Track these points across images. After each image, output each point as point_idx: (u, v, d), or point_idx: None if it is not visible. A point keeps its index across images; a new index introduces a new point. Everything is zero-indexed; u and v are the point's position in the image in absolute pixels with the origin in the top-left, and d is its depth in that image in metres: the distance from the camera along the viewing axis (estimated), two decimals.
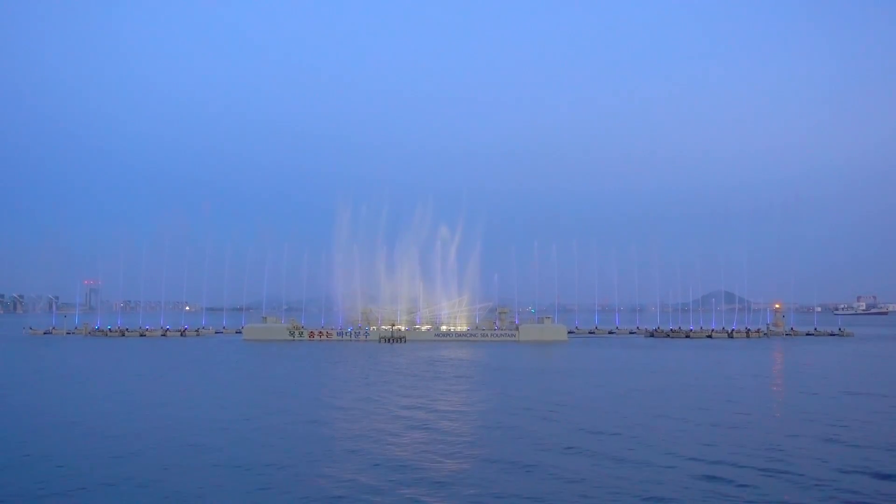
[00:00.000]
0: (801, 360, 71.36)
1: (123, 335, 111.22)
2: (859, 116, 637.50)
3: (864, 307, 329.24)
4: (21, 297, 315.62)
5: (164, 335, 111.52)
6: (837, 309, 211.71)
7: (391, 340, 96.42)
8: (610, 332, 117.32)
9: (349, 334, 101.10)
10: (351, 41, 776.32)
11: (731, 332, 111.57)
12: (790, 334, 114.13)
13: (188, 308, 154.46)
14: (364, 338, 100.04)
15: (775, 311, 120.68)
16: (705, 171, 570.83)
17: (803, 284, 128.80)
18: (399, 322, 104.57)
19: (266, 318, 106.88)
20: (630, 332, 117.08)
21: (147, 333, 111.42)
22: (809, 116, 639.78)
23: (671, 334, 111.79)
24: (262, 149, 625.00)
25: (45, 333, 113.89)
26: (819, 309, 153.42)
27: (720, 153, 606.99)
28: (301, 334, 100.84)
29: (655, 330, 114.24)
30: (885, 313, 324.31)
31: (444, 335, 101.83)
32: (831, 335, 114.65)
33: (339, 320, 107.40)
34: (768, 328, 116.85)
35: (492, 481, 21.30)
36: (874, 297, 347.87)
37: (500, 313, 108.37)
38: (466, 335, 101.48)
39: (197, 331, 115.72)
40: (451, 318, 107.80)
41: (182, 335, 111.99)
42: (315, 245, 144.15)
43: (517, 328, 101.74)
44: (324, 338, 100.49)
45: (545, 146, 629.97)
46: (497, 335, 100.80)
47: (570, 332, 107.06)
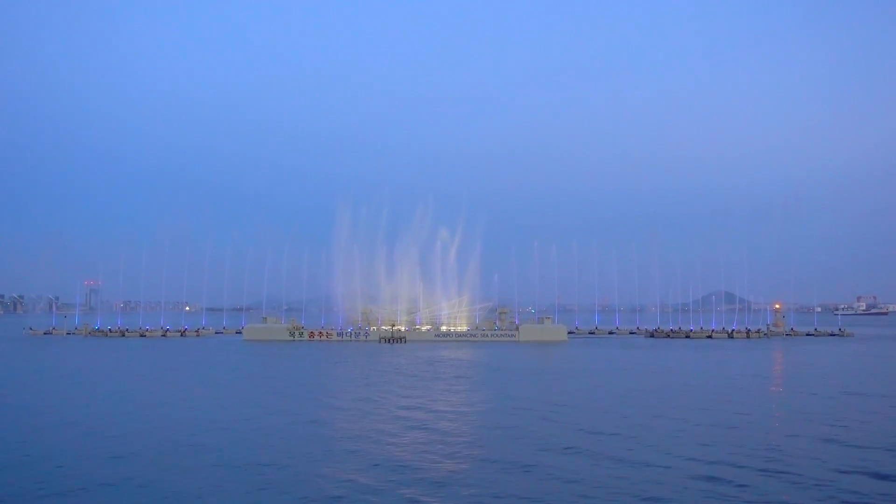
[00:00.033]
0: (801, 360, 71.36)
1: (123, 335, 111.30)
2: (859, 116, 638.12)
3: (864, 307, 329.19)
4: (21, 297, 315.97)
5: (165, 335, 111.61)
6: (837, 309, 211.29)
7: (391, 341, 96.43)
8: (610, 333, 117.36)
9: (349, 335, 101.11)
10: (351, 41, 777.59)
11: (732, 333, 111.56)
12: (790, 334, 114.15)
13: (188, 308, 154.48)
14: (364, 338, 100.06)
15: (775, 312, 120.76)
16: (705, 171, 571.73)
17: (803, 284, 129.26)
18: (399, 322, 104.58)
19: (266, 318, 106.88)
20: (630, 333, 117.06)
21: (147, 334, 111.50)
22: (809, 117, 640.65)
23: (671, 335, 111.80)
24: (262, 149, 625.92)
25: (45, 334, 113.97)
26: (819, 309, 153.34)
27: (720, 153, 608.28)
28: (301, 335, 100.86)
29: (655, 330, 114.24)
30: (886, 313, 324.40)
31: (444, 335, 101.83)
32: (831, 335, 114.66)
33: (339, 321, 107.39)
34: (768, 328, 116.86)
35: (491, 481, 21.33)
36: (874, 298, 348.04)
37: (501, 313, 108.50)
38: (466, 335, 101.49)
39: (197, 331, 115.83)
40: (452, 318, 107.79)
41: (182, 335, 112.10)
42: (315, 245, 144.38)
43: (517, 328, 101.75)
44: (324, 338, 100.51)
45: (545, 146, 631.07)
46: (497, 335, 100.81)
47: (570, 333, 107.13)
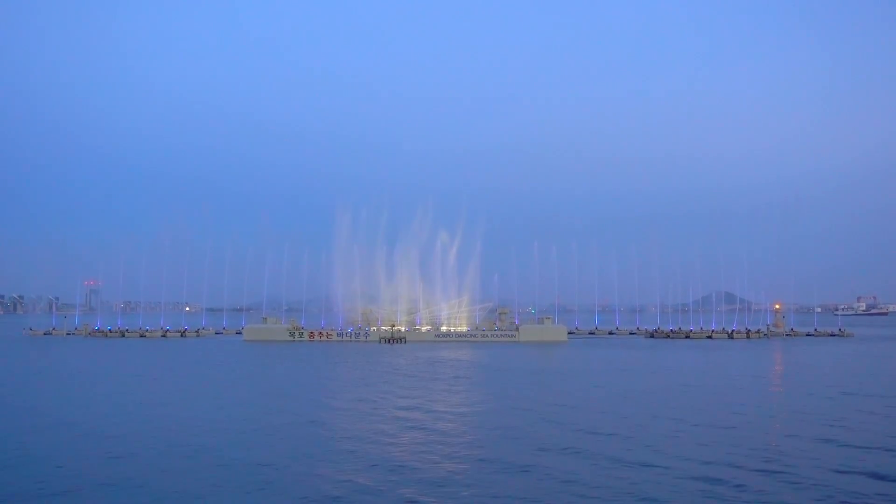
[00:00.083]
0: (800, 360, 71.36)
1: (123, 336, 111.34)
2: (859, 116, 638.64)
3: (864, 308, 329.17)
4: (21, 297, 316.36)
5: (165, 336, 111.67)
6: (837, 309, 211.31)
7: (391, 341, 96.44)
8: (610, 333, 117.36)
9: (349, 335, 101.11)
10: (351, 41, 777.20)
11: (731, 333, 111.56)
12: (790, 335, 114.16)
13: (188, 309, 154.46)
14: (364, 338, 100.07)
15: (775, 312, 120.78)
16: (705, 171, 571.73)
17: (803, 284, 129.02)
18: (399, 323, 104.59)
19: (266, 318, 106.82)
20: (630, 333, 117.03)
21: (147, 334, 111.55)
22: (809, 117, 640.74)
23: (671, 335, 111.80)
24: (262, 149, 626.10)
25: (45, 334, 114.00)
26: (819, 309, 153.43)
27: (720, 153, 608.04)
28: (301, 335, 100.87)
29: (655, 330, 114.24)
30: (886, 314, 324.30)
31: (444, 336, 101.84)
32: (831, 335, 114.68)
33: (339, 321, 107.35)
34: (768, 329, 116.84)
35: (489, 482, 21.33)
36: (874, 298, 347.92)
37: (501, 314, 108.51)
38: (466, 336, 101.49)
39: (197, 331, 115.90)
40: (452, 318, 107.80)
41: (182, 336, 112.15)
42: (315, 245, 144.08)
43: (517, 329, 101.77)
44: (324, 338, 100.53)
45: (545, 146, 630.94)
46: (497, 336, 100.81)
47: (570, 333, 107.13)
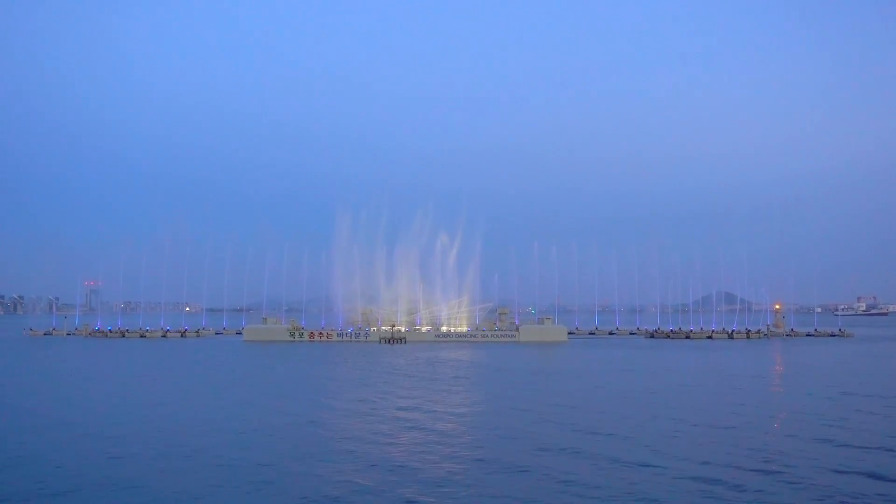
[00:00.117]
0: (800, 360, 71.36)
1: (124, 336, 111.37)
2: (859, 116, 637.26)
3: (864, 308, 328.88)
4: (21, 297, 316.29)
5: (165, 336, 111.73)
6: (837, 309, 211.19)
7: (391, 341, 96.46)
8: (610, 333, 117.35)
9: (349, 335, 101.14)
10: (351, 41, 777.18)
11: (732, 333, 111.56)
12: (790, 335, 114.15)
13: (188, 309, 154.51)
14: (364, 339, 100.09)
15: (775, 312, 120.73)
16: (705, 171, 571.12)
17: (803, 285, 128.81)
18: (399, 323, 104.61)
19: (266, 319, 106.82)
20: (630, 333, 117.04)
21: (147, 334, 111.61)
22: (808, 117, 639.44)
23: (671, 335, 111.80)
24: (262, 149, 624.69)
25: (45, 334, 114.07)
26: (819, 309, 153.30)
27: (720, 153, 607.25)
28: (301, 335, 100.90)
29: (656, 331, 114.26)
30: (886, 314, 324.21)
31: (444, 336, 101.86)
32: (831, 336, 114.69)
33: (339, 321, 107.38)
34: (768, 329, 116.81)
35: (488, 482, 21.35)
36: (874, 298, 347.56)
37: (501, 314, 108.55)
38: (467, 336, 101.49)
39: (197, 332, 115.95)
40: (452, 318, 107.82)
41: (182, 336, 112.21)
42: (315, 246, 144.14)
43: (517, 329, 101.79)
44: (324, 339, 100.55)
45: (545, 147, 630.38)
46: (497, 336, 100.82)
47: (570, 333, 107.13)
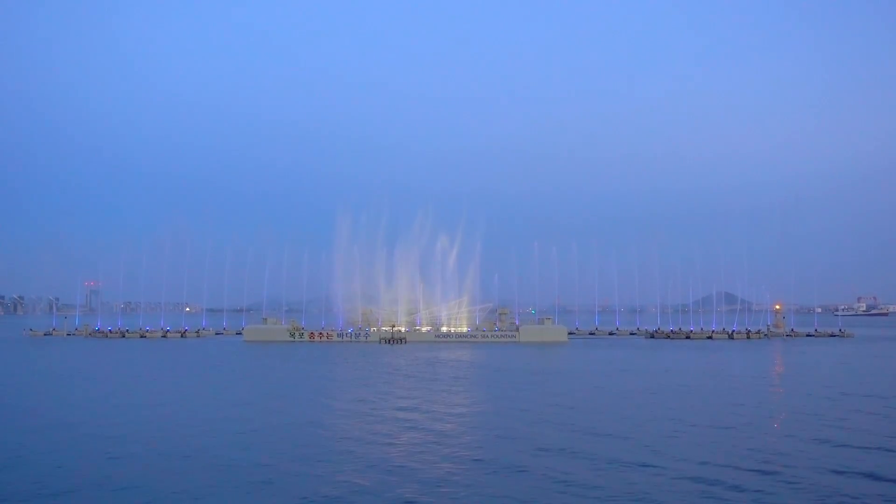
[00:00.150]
0: (800, 361, 71.36)
1: (124, 336, 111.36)
2: (858, 116, 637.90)
3: (864, 308, 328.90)
4: (21, 298, 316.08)
5: (165, 336, 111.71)
6: (838, 310, 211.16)
7: (391, 341, 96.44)
8: (610, 334, 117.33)
9: (349, 335, 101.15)
10: (352, 41, 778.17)
11: (732, 334, 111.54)
12: (790, 335, 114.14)
13: (188, 309, 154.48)
14: (364, 339, 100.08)
15: (776, 312, 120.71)
16: (705, 171, 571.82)
17: (803, 285, 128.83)
18: (399, 323, 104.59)
19: (266, 319, 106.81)
20: (630, 334, 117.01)
21: (147, 335, 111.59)
22: (808, 117, 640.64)
23: (671, 335, 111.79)
24: (263, 149, 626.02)
25: (45, 335, 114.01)
26: (819, 310, 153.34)
27: (720, 153, 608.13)
28: (301, 335, 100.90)
29: (656, 331, 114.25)
30: (886, 314, 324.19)
31: (444, 336, 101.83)
32: (832, 336, 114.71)
33: (339, 321, 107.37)
34: (769, 329, 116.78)
35: (487, 482, 21.36)
36: (874, 298, 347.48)
37: (501, 314, 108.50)
38: (467, 336, 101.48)
39: (197, 332, 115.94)
40: (452, 319, 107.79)
41: (182, 336, 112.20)
42: (315, 246, 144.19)
43: (517, 329, 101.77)
44: (324, 339, 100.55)
45: (545, 147, 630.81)
46: (497, 336, 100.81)
47: (570, 334, 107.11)
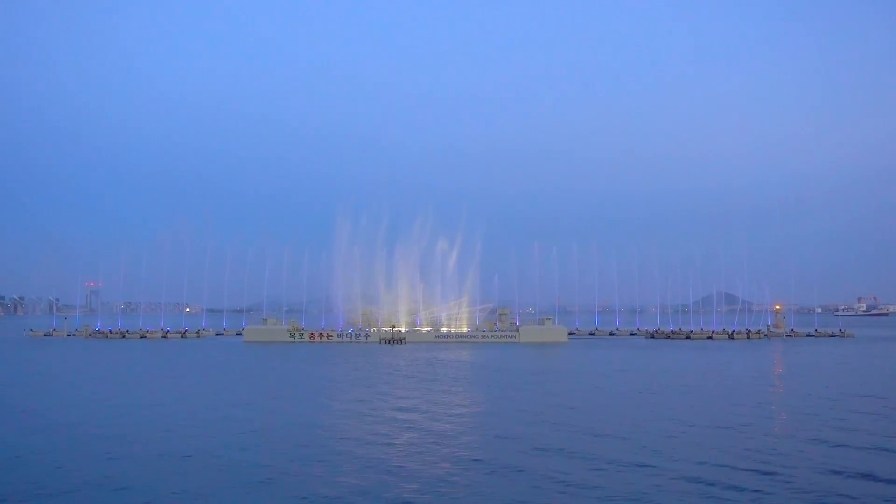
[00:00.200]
0: (801, 361, 71.33)
1: (124, 337, 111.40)
2: (858, 116, 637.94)
3: (864, 308, 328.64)
4: (22, 298, 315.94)
5: (165, 337, 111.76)
6: (838, 310, 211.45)
7: (391, 342, 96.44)
8: (610, 334, 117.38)
9: (350, 336, 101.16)
10: (351, 41, 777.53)
11: (732, 334, 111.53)
12: (791, 335, 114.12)
13: (189, 310, 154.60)
14: (364, 339, 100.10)
15: (776, 313, 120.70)
16: (705, 171, 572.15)
17: (803, 285, 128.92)
18: (399, 324, 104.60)
19: (266, 319, 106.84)
20: (630, 334, 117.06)
21: (147, 335, 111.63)
22: (808, 116, 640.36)
23: (672, 336, 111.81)
24: (262, 149, 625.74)
25: (45, 335, 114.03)
26: (819, 310, 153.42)
27: (720, 153, 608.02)
28: (301, 336, 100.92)
29: (656, 331, 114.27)
30: (886, 314, 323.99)
31: (444, 336, 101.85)
32: (832, 336, 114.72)
33: (339, 322, 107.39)
34: (769, 329, 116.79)
35: (486, 483, 21.38)
36: (874, 298, 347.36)
37: (501, 315, 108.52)
38: (467, 336, 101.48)
39: (197, 332, 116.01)
40: (452, 319, 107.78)
41: (183, 337, 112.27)
42: (315, 246, 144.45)
43: (518, 329, 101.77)
44: (324, 339, 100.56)
45: (545, 146, 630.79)
46: (497, 336, 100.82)
47: (570, 334, 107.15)
